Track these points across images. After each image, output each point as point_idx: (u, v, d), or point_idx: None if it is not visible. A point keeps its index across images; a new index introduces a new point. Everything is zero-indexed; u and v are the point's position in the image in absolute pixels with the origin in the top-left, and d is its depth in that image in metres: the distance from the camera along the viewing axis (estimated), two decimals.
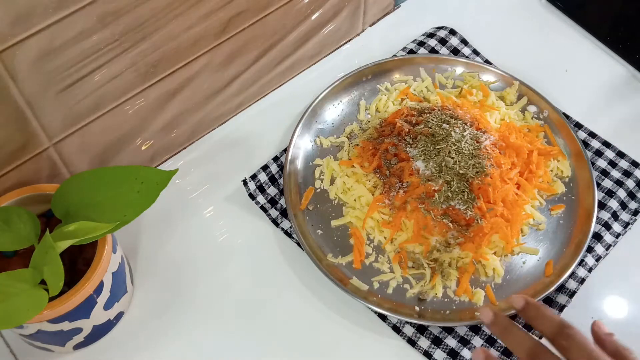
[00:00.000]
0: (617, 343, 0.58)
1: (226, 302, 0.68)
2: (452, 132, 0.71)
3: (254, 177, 0.74)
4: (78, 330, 0.61)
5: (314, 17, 0.79)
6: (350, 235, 0.71)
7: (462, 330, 0.66)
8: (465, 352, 0.65)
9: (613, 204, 0.73)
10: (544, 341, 0.58)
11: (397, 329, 0.67)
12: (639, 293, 0.70)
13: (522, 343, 0.58)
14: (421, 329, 0.66)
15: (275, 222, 0.72)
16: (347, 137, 0.78)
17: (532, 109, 0.80)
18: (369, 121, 0.79)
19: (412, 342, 0.66)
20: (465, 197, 0.68)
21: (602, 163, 0.77)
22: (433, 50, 0.85)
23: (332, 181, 0.74)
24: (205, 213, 0.74)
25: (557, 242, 0.71)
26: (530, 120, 0.79)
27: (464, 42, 0.86)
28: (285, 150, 0.75)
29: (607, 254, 0.71)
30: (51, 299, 0.55)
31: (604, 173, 0.76)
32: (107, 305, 0.62)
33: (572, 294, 0.68)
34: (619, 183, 0.75)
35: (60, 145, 0.65)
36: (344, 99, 0.81)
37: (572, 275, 0.68)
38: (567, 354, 0.55)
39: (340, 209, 0.73)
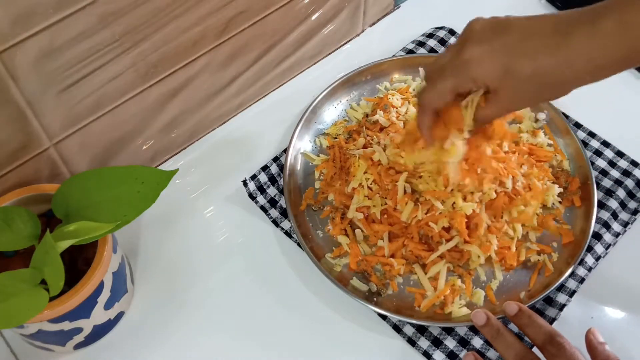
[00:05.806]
0: (609, 352, 0.59)
1: (226, 301, 0.68)
2: None
3: (254, 177, 0.74)
4: (78, 330, 0.61)
5: (314, 17, 0.79)
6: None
7: (462, 331, 0.66)
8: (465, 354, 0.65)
9: (612, 203, 0.73)
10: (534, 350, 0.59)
11: (397, 328, 0.67)
12: (638, 292, 0.70)
13: (512, 347, 0.58)
14: (421, 329, 0.66)
15: (275, 223, 0.73)
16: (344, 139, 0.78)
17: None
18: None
19: (412, 342, 0.66)
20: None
21: (601, 162, 0.77)
22: (432, 51, 0.85)
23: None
24: (205, 213, 0.74)
25: (557, 241, 0.71)
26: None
27: None
28: (285, 151, 0.75)
29: (606, 254, 0.71)
30: (51, 298, 0.55)
31: (604, 172, 0.76)
32: (108, 305, 0.62)
33: (572, 293, 0.68)
34: (618, 182, 0.75)
35: (61, 145, 0.65)
36: (343, 99, 0.81)
37: (572, 274, 0.68)
38: None
39: None
